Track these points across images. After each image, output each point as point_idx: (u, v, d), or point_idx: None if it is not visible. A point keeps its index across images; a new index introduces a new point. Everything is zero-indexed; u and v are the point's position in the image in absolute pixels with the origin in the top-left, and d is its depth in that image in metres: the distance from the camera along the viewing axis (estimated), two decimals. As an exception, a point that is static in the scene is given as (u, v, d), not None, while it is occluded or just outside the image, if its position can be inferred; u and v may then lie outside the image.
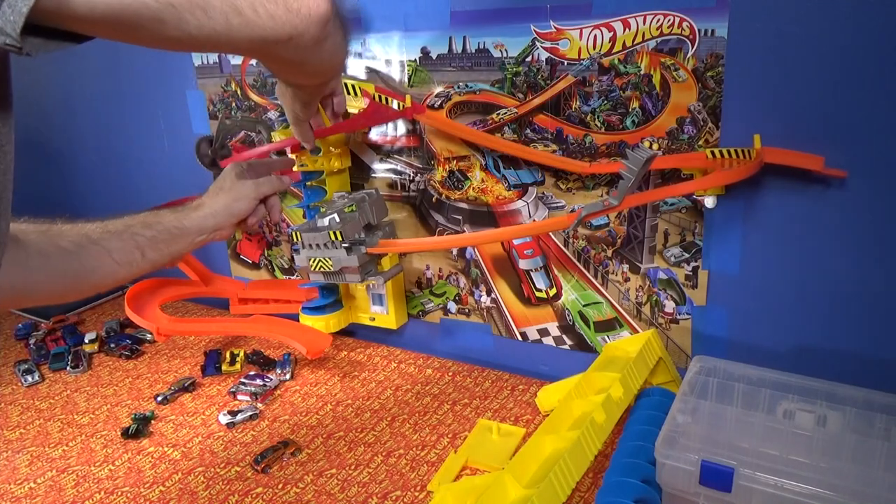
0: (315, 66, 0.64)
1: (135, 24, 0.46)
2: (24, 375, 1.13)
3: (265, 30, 0.53)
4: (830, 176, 0.77)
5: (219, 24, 0.50)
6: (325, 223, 0.91)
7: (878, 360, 0.81)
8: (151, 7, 0.46)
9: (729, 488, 0.63)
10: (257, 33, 0.52)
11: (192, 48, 0.53)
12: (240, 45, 0.53)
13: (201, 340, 1.23)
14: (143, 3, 0.46)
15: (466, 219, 1.05)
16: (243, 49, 0.56)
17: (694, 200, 0.86)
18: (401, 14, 0.97)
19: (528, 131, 0.94)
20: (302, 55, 0.59)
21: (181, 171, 1.33)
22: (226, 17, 0.50)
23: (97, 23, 0.45)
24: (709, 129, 0.82)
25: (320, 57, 0.61)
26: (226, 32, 0.50)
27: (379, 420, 0.95)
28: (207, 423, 0.98)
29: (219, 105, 1.23)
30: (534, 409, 0.95)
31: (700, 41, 0.79)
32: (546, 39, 0.88)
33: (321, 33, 0.57)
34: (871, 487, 0.62)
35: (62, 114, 1.52)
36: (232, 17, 0.50)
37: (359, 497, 0.80)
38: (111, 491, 0.84)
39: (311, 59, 0.61)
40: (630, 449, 0.74)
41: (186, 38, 0.49)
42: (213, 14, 0.49)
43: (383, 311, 1.14)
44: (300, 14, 0.54)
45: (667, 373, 0.91)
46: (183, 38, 0.49)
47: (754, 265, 0.85)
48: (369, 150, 1.09)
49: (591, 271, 0.97)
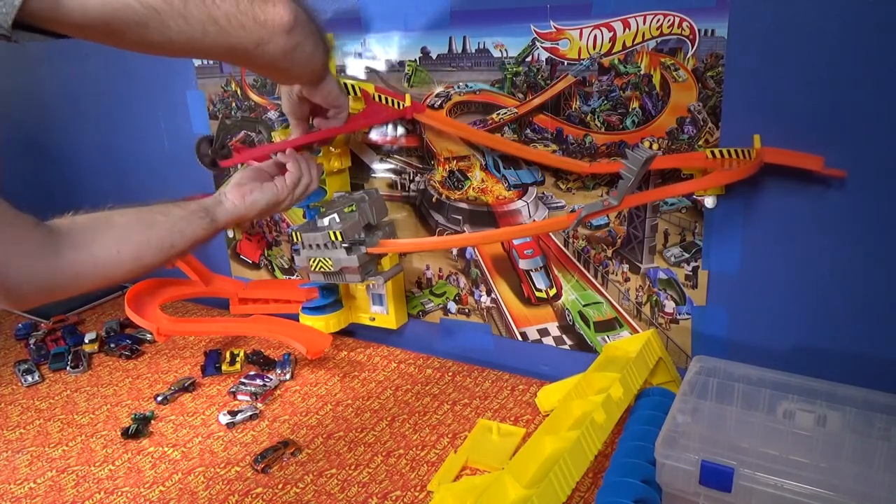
0: (286, 69, 0.70)
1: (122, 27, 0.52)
2: (24, 375, 1.13)
3: (237, 38, 0.60)
4: (830, 176, 0.77)
5: (196, 31, 0.57)
6: (325, 223, 0.91)
7: (878, 360, 0.81)
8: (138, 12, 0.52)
9: (729, 488, 0.63)
10: (230, 41, 0.60)
11: (174, 53, 0.59)
12: (215, 51, 0.61)
13: (201, 340, 1.23)
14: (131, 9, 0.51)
15: (466, 219, 1.05)
16: (218, 54, 0.64)
17: (694, 200, 0.86)
18: (401, 14, 0.97)
19: (528, 131, 0.94)
20: (271, 61, 0.66)
21: (181, 171, 1.33)
22: (203, 25, 0.57)
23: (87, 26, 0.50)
24: (709, 129, 0.82)
25: (290, 62, 0.69)
26: (202, 39, 0.58)
27: (379, 420, 0.95)
28: (207, 423, 0.98)
29: (219, 105, 1.23)
30: (534, 409, 0.95)
31: (700, 41, 0.79)
32: (546, 39, 0.88)
33: (287, 42, 0.65)
34: (871, 487, 0.62)
35: (63, 114, 1.52)
36: (208, 25, 0.57)
37: (359, 497, 0.80)
38: (111, 491, 0.84)
39: (281, 64, 0.68)
40: (630, 449, 0.74)
41: (167, 42, 0.56)
42: (192, 22, 0.56)
43: (383, 311, 1.14)
44: (266, 24, 0.62)
45: (667, 373, 0.91)
46: (164, 43, 0.56)
47: (754, 265, 0.85)
48: (369, 150, 1.09)
49: (591, 271, 0.97)
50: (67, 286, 0.64)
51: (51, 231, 0.63)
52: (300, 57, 0.69)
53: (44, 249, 0.61)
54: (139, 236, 0.70)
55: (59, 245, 0.63)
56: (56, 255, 0.62)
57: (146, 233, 0.71)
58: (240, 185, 0.83)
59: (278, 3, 0.63)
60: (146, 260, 0.70)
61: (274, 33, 0.64)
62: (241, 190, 0.82)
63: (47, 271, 0.62)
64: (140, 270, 0.71)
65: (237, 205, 0.81)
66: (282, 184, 0.85)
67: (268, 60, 0.66)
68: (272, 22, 0.63)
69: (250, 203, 0.82)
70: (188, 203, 0.78)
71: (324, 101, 0.85)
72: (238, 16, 0.60)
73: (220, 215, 0.79)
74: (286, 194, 0.85)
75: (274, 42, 0.64)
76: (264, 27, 0.62)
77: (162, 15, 0.53)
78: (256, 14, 0.61)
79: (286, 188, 0.85)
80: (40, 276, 0.61)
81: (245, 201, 0.81)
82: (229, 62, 0.91)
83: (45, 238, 0.62)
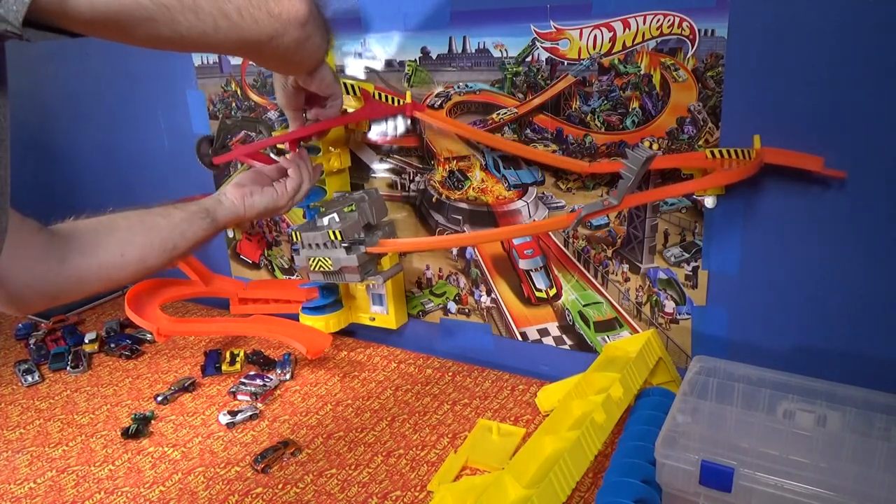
0: (297, 61, 0.69)
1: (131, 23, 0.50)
2: (24, 375, 1.13)
3: (249, 32, 0.58)
4: (830, 176, 0.77)
5: (208, 26, 0.54)
6: (324, 223, 0.91)
7: (878, 360, 0.81)
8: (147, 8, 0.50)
9: (729, 488, 0.63)
10: (242, 35, 0.58)
11: (184, 48, 0.57)
12: (226, 45, 0.59)
13: (201, 340, 1.23)
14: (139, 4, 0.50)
15: (466, 219, 1.05)
16: (229, 49, 0.61)
17: (694, 200, 0.86)
18: (401, 14, 0.97)
19: (528, 131, 0.94)
20: (283, 53, 0.64)
21: (181, 171, 1.33)
22: (214, 19, 0.55)
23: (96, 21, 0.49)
24: (709, 129, 0.82)
25: (301, 54, 0.67)
26: (213, 34, 0.55)
27: (379, 420, 0.95)
28: (207, 423, 0.98)
29: (219, 105, 1.23)
30: (534, 409, 0.95)
31: (700, 41, 0.79)
32: (546, 39, 0.88)
33: (301, 34, 0.63)
34: (871, 487, 0.62)
35: (64, 114, 1.52)
36: (220, 20, 0.55)
37: (359, 497, 0.80)
38: (111, 491, 0.84)
39: (293, 56, 0.66)
40: (630, 449, 0.74)
41: (178, 38, 0.54)
42: (202, 17, 0.54)
43: (383, 311, 1.14)
44: (280, 18, 0.60)
45: (667, 373, 0.91)
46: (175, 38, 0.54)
47: (754, 265, 0.85)
48: (369, 150, 1.09)
49: (591, 271, 0.97)
50: (71, 291, 0.65)
51: (54, 236, 0.63)
52: (310, 48, 0.67)
53: (48, 255, 0.62)
54: (142, 239, 0.70)
55: (63, 250, 0.63)
56: (60, 260, 0.63)
57: (149, 236, 0.71)
58: (240, 186, 0.83)
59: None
60: (150, 262, 0.71)
61: (289, 26, 0.62)
62: (241, 191, 0.83)
63: (51, 276, 0.62)
64: (144, 273, 0.71)
65: (236, 205, 0.81)
66: (282, 189, 0.85)
67: (280, 52, 0.65)
68: (287, 14, 0.61)
69: (249, 205, 0.82)
70: (188, 204, 0.78)
71: (318, 89, 0.84)
72: (250, 9, 0.58)
73: (220, 215, 0.80)
74: (286, 200, 0.86)
75: (289, 34, 0.62)
76: (279, 20, 0.61)
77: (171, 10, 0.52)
78: (270, 7, 0.60)
79: (286, 194, 0.86)
80: (44, 282, 0.62)
81: (244, 203, 0.82)
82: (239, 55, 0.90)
83: (48, 243, 0.62)
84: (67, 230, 0.65)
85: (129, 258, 0.68)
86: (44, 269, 0.61)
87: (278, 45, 0.62)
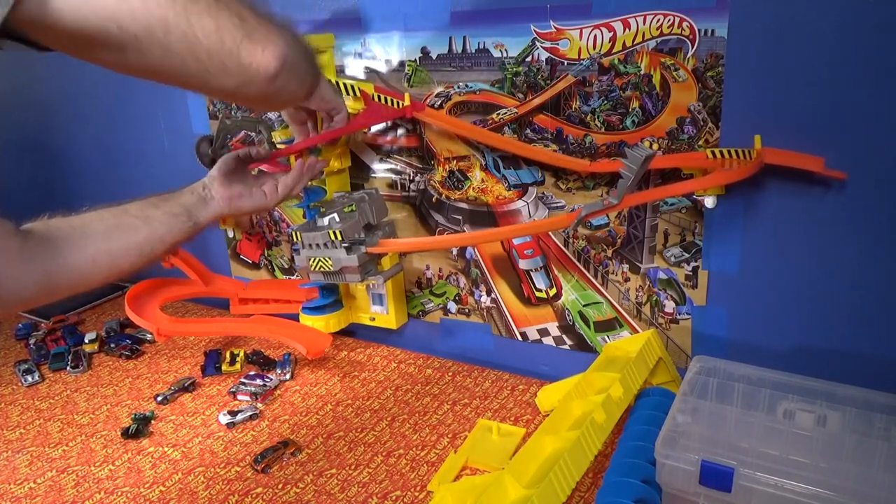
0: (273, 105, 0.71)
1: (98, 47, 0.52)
2: (24, 375, 1.13)
3: (217, 78, 0.58)
4: (830, 177, 0.77)
5: (176, 63, 0.55)
6: (324, 223, 0.91)
7: (878, 360, 0.81)
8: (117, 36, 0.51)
9: (729, 488, 0.63)
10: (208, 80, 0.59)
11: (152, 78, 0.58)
12: (195, 85, 0.60)
13: (201, 340, 1.23)
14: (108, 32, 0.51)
15: (466, 219, 1.05)
16: (199, 89, 0.62)
17: (694, 200, 0.86)
18: (401, 14, 0.97)
19: (528, 131, 0.94)
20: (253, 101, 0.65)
21: (181, 171, 1.33)
22: (182, 59, 0.56)
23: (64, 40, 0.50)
24: (709, 129, 0.82)
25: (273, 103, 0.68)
26: (181, 72, 0.56)
27: (379, 420, 0.95)
28: (207, 423, 0.98)
29: (219, 105, 1.23)
30: (534, 409, 0.95)
31: (700, 41, 0.79)
32: (546, 39, 0.88)
33: (269, 88, 0.62)
34: (871, 487, 0.62)
35: (63, 114, 1.52)
36: (189, 60, 0.56)
37: (359, 497, 0.80)
38: (111, 491, 0.85)
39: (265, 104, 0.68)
40: (630, 449, 0.74)
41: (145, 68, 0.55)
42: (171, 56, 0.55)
43: (383, 311, 1.14)
44: (249, 69, 0.60)
45: (667, 373, 0.91)
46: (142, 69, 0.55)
47: (754, 265, 0.85)
48: (369, 150, 1.09)
49: (591, 271, 0.97)
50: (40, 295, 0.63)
51: (27, 237, 0.62)
52: (284, 95, 0.66)
53: (20, 256, 0.60)
54: (116, 245, 0.69)
55: (35, 253, 0.61)
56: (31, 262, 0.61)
57: (124, 240, 0.70)
58: (228, 188, 0.83)
59: (267, 49, 0.60)
60: (123, 267, 0.70)
61: (256, 79, 0.60)
62: (228, 192, 0.83)
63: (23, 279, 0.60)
64: (116, 276, 0.70)
65: (222, 206, 0.82)
66: (272, 194, 0.86)
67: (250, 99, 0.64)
68: (256, 68, 0.60)
69: (235, 207, 0.83)
70: (169, 202, 0.77)
71: (319, 107, 0.85)
72: (221, 55, 0.57)
73: (202, 217, 0.79)
74: (273, 203, 0.87)
75: (255, 86, 0.61)
76: (247, 71, 0.59)
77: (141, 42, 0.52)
78: (241, 57, 0.58)
79: (276, 199, 0.87)
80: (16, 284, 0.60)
81: (230, 205, 0.82)
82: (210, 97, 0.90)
83: (22, 245, 0.60)
84: (41, 232, 0.63)
85: (100, 264, 0.67)
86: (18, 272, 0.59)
87: (246, 94, 0.62)
